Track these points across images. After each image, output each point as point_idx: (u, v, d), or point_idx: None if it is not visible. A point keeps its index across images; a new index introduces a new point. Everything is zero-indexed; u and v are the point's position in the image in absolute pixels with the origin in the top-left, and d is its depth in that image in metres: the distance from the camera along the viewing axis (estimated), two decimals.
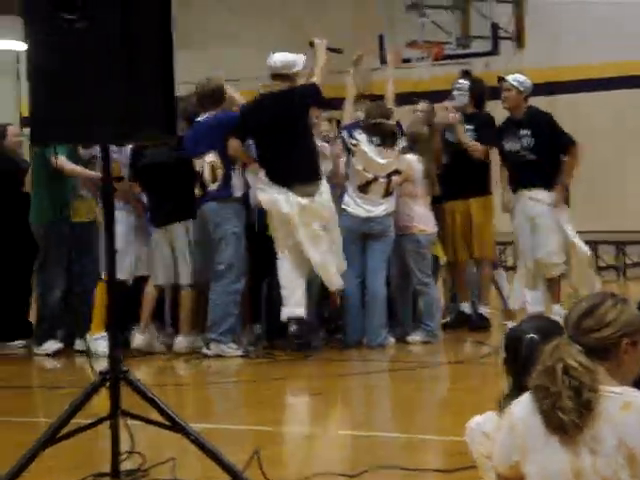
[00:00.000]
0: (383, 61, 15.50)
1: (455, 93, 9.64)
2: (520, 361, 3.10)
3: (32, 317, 9.41)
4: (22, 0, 4.58)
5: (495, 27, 15.26)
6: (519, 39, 15.99)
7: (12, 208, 9.27)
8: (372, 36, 15.44)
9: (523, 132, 9.19)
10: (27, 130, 9.79)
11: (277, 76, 8.66)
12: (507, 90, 9.28)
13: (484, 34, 15.37)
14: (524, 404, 2.87)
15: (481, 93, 9.76)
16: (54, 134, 4.70)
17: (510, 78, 9.33)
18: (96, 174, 8.75)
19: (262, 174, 8.60)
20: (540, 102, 10.46)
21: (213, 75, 8.94)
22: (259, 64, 14.12)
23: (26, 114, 17.76)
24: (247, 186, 8.88)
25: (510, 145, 9.28)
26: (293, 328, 8.48)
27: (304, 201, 8.40)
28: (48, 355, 8.95)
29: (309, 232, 8.43)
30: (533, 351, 3.03)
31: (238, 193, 8.71)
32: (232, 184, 8.69)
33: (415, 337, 9.05)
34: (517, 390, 3.06)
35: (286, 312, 8.51)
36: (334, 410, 7.22)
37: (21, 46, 15.51)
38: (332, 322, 9.33)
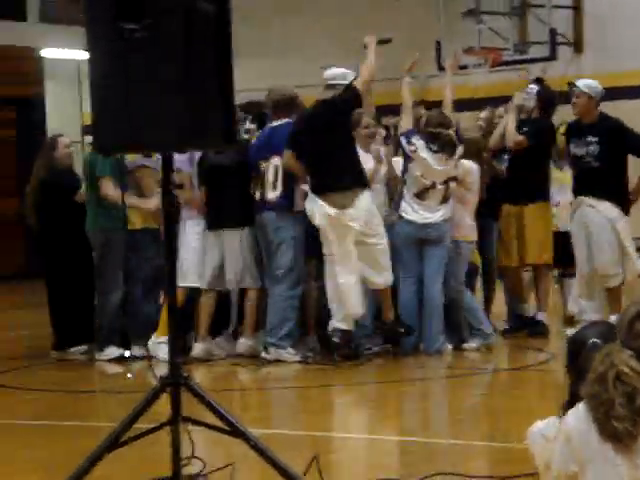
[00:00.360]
0: (440, 68, 15.52)
1: (524, 96, 9.58)
2: (582, 366, 3.08)
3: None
4: (84, 10, 4.65)
5: (553, 33, 15.16)
6: (577, 45, 15.88)
7: (66, 219, 9.40)
8: (429, 42, 15.42)
9: (590, 138, 9.07)
10: (88, 138, 9.90)
11: (329, 86, 8.80)
12: (577, 96, 9.14)
13: (542, 40, 15.28)
14: (579, 413, 2.85)
15: (549, 99, 9.70)
16: (116, 142, 4.76)
17: (580, 84, 9.18)
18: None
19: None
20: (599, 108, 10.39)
21: (286, 84, 9.20)
22: (313, 74, 14.19)
23: (88, 123, 17.97)
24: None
25: (576, 149, 9.16)
26: (336, 338, 8.49)
27: (333, 212, 8.35)
28: (109, 360, 9.06)
29: (344, 245, 8.37)
30: (594, 356, 3.01)
31: (299, 207, 8.73)
32: (294, 196, 8.73)
33: (472, 344, 9.02)
34: (579, 396, 3.04)
35: (331, 324, 8.53)
36: (391, 416, 7.22)
37: (83, 55, 15.72)
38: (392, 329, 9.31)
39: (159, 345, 8.54)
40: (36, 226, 9.56)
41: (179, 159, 8.88)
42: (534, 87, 9.78)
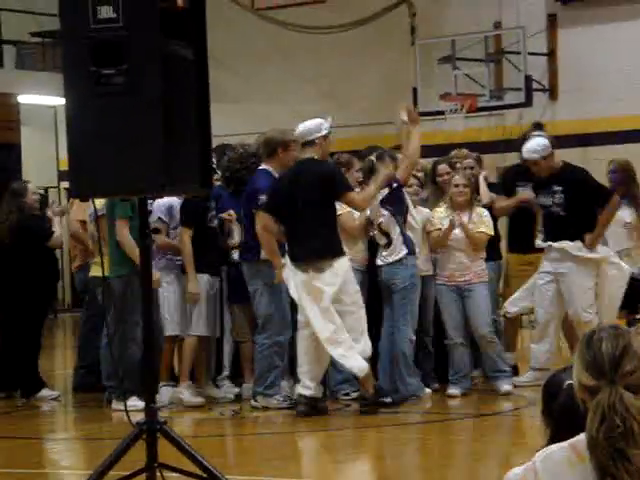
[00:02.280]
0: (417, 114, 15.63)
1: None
2: (558, 410, 3.05)
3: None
4: (62, 55, 4.67)
5: (528, 79, 15.30)
6: (552, 91, 16.04)
7: (33, 264, 9.37)
8: (406, 88, 15.53)
9: (555, 188, 9.15)
10: (65, 184, 9.87)
11: (304, 145, 8.49)
12: (535, 163, 9.16)
13: (517, 86, 15.42)
14: (555, 467, 2.75)
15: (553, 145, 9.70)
16: (93, 187, 4.76)
17: (526, 153, 9.19)
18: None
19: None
20: (573, 154, 10.50)
21: (274, 129, 9.00)
22: (290, 120, 14.23)
23: (64, 168, 17.98)
24: None
25: (543, 199, 9.25)
26: (300, 409, 8.36)
27: (305, 277, 8.24)
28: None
29: (322, 303, 8.20)
30: (572, 399, 2.97)
31: (265, 255, 8.62)
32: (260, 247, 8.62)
33: (454, 391, 9.00)
34: (555, 442, 3.01)
35: (297, 388, 8.48)
36: (371, 463, 7.18)
37: (59, 101, 15.74)
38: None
39: (160, 389, 8.70)
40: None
41: (159, 209, 8.94)
42: (540, 134, 9.75)
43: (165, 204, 8.99)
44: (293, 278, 8.26)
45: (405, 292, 8.72)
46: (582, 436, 2.79)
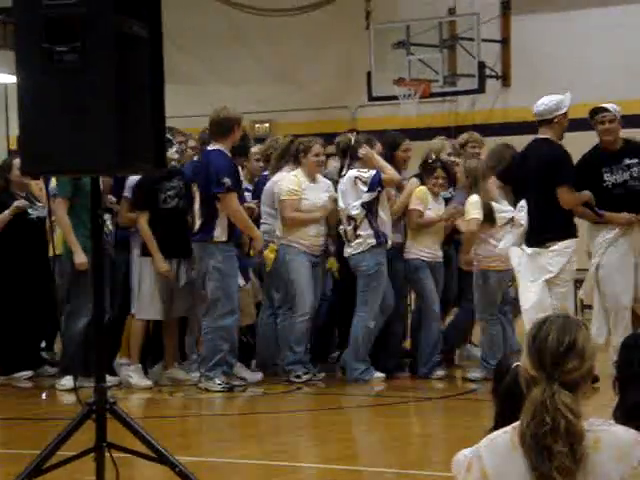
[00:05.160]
0: (371, 98, 15.66)
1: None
2: (505, 391, 3.08)
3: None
4: (15, 32, 4.62)
5: (482, 66, 15.37)
6: (505, 78, 16.12)
7: (21, 241, 9.25)
8: (360, 73, 15.55)
9: (629, 161, 8.50)
10: (16, 162, 9.77)
11: (540, 123, 8.37)
12: (610, 121, 8.56)
13: (471, 72, 15.48)
14: (499, 451, 2.77)
15: None
16: (44, 166, 4.72)
17: (611, 107, 8.61)
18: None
19: None
20: (526, 141, 10.52)
21: (230, 107, 8.89)
22: (247, 100, 14.21)
23: (13, 146, 17.78)
24: None
25: (615, 177, 8.50)
26: None
27: (529, 253, 8.26)
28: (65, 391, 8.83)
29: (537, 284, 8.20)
30: (517, 381, 2.99)
31: (223, 237, 8.64)
32: (214, 226, 8.63)
33: (475, 374, 9.06)
34: (501, 422, 3.05)
35: None
36: (320, 444, 7.21)
37: (9, 79, 15.56)
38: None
39: (121, 366, 8.86)
40: None
41: (128, 187, 8.92)
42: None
43: (133, 181, 8.92)
44: (519, 256, 8.21)
45: (368, 279, 8.79)
46: None
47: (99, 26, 4.48)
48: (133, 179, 8.91)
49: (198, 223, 8.75)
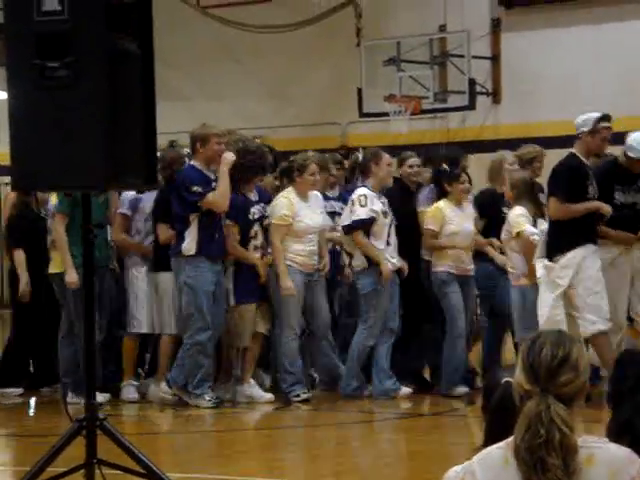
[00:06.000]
0: (362, 114, 15.68)
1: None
2: (492, 407, 3.07)
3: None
4: (6, 48, 4.62)
5: (472, 83, 15.42)
6: (495, 95, 16.17)
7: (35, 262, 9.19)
8: (351, 89, 15.58)
9: None
10: (4, 179, 9.70)
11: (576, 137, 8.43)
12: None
13: (461, 89, 15.52)
14: (492, 466, 2.76)
15: None
16: (35, 182, 4.72)
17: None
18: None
19: None
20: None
21: (208, 124, 8.89)
22: (238, 116, 14.24)
23: (3, 163, 17.73)
24: None
25: (626, 198, 8.42)
26: None
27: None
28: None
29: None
30: (508, 397, 2.98)
31: (191, 250, 8.55)
32: (184, 241, 8.55)
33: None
34: (494, 438, 3.04)
35: None
36: (308, 460, 7.19)
37: None
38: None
39: (124, 388, 8.87)
40: None
41: (123, 203, 8.87)
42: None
43: (128, 197, 8.89)
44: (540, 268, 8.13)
45: (365, 299, 8.83)
46: None
47: (90, 42, 4.49)
48: (128, 195, 8.88)
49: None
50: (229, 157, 8.60)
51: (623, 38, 15.21)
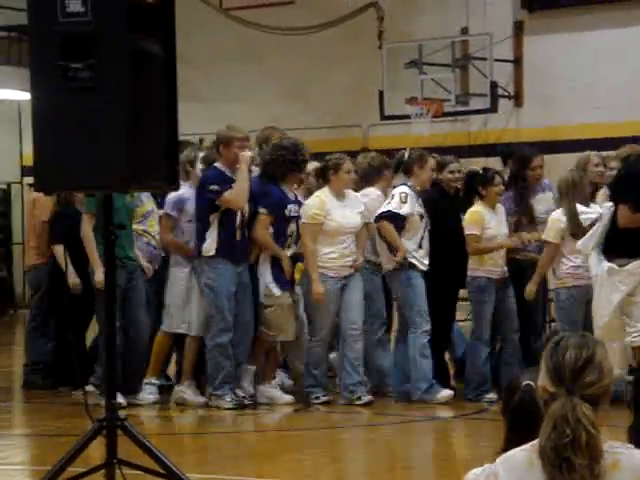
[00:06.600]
0: (383, 117, 15.68)
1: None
2: (512, 410, 3.05)
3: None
4: (30, 49, 4.65)
5: (494, 85, 15.39)
6: (517, 98, 16.14)
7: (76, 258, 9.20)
8: (373, 92, 15.58)
9: None
10: (28, 179, 9.72)
11: None
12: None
13: (483, 92, 15.50)
14: (516, 468, 2.76)
15: None
16: (58, 182, 4.74)
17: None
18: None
19: None
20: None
21: (232, 125, 8.87)
22: (259, 118, 14.24)
23: (27, 164, 17.84)
24: None
25: None
26: None
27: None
28: None
29: None
30: (528, 400, 2.97)
31: (211, 251, 8.57)
32: (205, 241, 8.55)
33: None
34: (514, 441, 3.03)
35: None
36: (328, 462, 7.19)
37: (23, 96, 15.62)
38: None
39: (145, 386, 8.81)
40: None
41: (168, 203, 8.87)
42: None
43: (172, 198, 8.87)
44: (596, 266, 7.97)
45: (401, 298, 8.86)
46: None
47: (113, 43, 4.51)
48: (171, 196, 8.86)
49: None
50: (246, 155, 8.62)
51: None
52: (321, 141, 14.97)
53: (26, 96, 4.72)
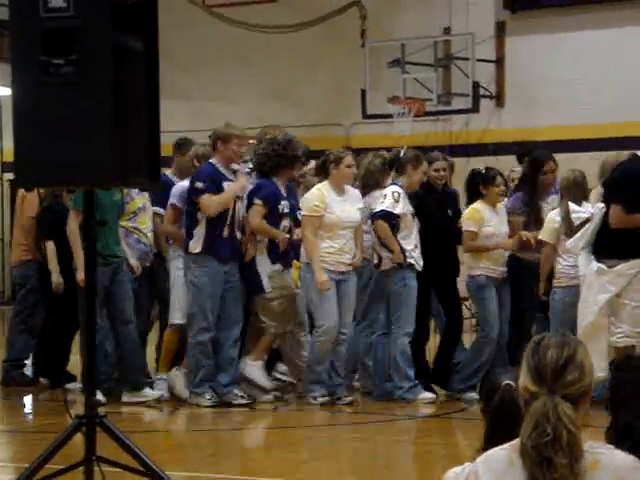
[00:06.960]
0: (365, 116, 15.69)
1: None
2: (493, 409, 3.06)
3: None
4: (12, 44, 4.62)
5: (476, 86, 15.42)
6: (499, 98, 16.17)
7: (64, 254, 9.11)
8: (355, 91, 15.58)
9: None
10: (7, 175, 9.69)
11: None
12: None
13: (465, 92, 15.53)
14: (496, 467, 2.77)
15: None
16: (39, 177, 4.72)
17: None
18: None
19: None
20: (515, 161, 10.56)
21: (230, 124, 8.93)
22: (242, 116, 14.23)
23: (7, 160, 17.75)
24: None
25: None
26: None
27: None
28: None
29: None
30: (508, 400, 2.98)
31: (196, 248, 8.55)
32: (193, 238, 8.55)
33: None
34: (494, 441, 3.04)
35: None
36: (309, 460, 7.20)
37: (4, 91, 15.54)
38: None
39: (158, 381, 8.91)
40: None
41: (174, 194, 8.86)
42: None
43: (179, 189, 8.86)
44: (585, 265, 7.99)
45: (394, 297, 8.82)
46: None
47: (96, 39, 4.49)
48: (177, 187, 8.84)
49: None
50: (243, 182, 8.68)
51: (626, 42, 15.22)
52: (303, 139, 14.93)
53: (7, 91, 4.69)
